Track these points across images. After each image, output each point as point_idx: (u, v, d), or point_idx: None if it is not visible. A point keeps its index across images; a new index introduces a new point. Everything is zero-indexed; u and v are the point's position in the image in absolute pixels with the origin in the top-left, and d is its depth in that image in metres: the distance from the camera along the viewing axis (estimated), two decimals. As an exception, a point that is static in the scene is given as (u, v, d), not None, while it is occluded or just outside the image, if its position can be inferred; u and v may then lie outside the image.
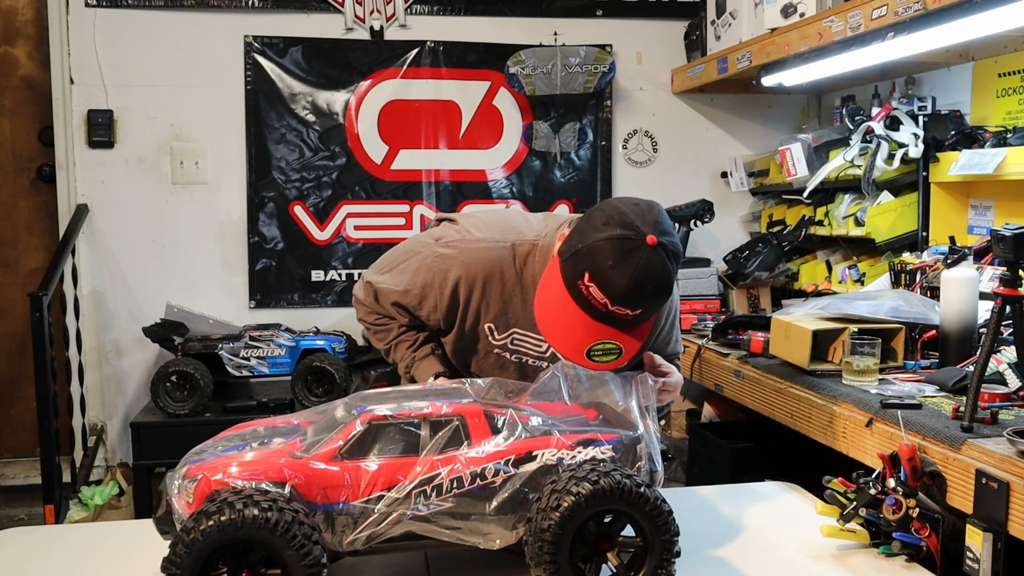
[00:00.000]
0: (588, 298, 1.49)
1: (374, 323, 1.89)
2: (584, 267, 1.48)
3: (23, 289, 3.71)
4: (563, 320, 1.52)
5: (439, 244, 1.78)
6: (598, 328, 1.51)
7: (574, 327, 1.51)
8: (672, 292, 1.59)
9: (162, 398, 3.35)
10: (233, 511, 1.25)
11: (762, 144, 4.18)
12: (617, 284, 1.46)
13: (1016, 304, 1.83)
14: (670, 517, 1.38)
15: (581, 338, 1.51)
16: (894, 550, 1.60)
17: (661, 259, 1.48)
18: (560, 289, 1.52)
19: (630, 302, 1.48)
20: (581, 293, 1.49)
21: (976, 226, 3.00)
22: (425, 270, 1.77)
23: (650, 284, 1.48)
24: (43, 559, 1.64)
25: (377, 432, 1.39)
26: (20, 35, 3.86)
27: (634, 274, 1.46)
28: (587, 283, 1.48)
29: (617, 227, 1.48)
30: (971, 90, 3.16)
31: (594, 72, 3.90)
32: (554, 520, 1.33)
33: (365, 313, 1.89)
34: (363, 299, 1.88)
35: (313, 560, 1.27)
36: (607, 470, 1.36)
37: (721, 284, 3.62)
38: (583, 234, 1.51)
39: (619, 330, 1.52)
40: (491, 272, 1.74)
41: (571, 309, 1.51)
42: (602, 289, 1.47)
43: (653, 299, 1.50)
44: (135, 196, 3.82)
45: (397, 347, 1.87)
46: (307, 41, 3.87)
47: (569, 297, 1.51)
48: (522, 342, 1.80)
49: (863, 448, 2.07)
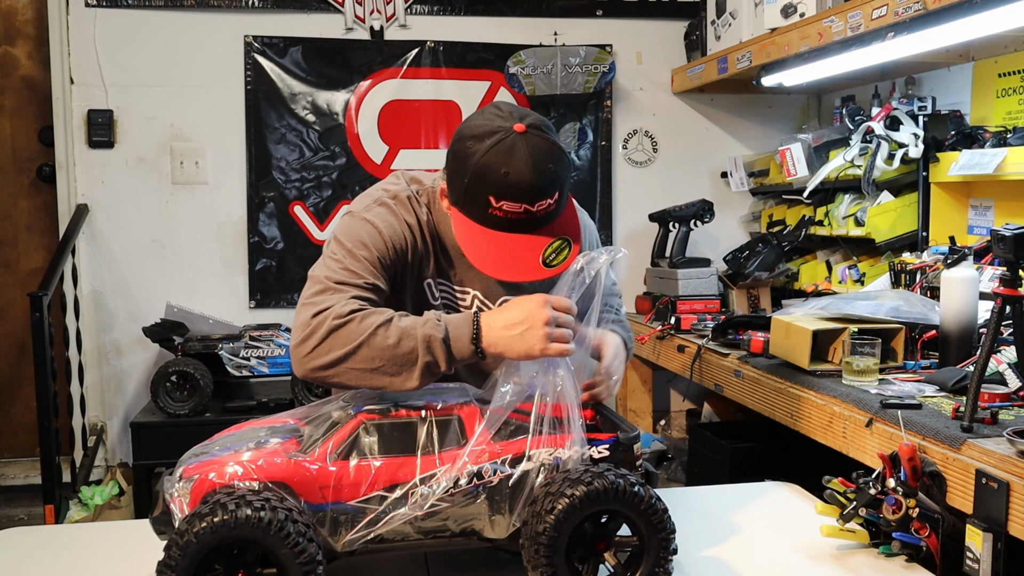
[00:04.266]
0: (507, 217, 1.47)
1: (355, 311, 1.50)
2: (484, 192, 1.47)
3: (23, 289, 3.71)
4: (505, 254, 1.50)
5: (359, 216, 1.64)
6: (536, 238, 1.49)
7: (518, 252, 1.49)
8: (568, 158, 1.55)
9: (162, 398, 3.35)
10: (226, 512, 1.25)
11: (762, 144, 4.18)
12: (522, 183, 1.45)
13: (1016, 304, 1.83)
14: (665, 515, 1.38)
15: (529, 256, 1.49)
16: (894, 550, 1.60)
17: (538, 136, 1.48)
18: (480, 230, 1.50)
19: (543, 190, 1.47)
20: (499, 217, 1.48)
21: (976, 226, 3.00)
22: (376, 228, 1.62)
23: (548, 162, 1.47)
24: (43, 559, 1.63)
25: (374, 431, 1.39)
26: (20, 35, 3.86)
27: (529, 164, 1.45)
28: (496, 204, 1.47)
29: (484, 140, 1.47)
30: (971, 90, 3.16)
31: (594, 72, 3.90)
32: (549, 523, 1.33)
33: (342, 306, 1.49)
34: (333, 294, 1.52)
35: (308, 558, 1.27)
36: (600, 471, 1.36)
37: (721, 284, 3.62)
38: (460, 172, 1.50)
39: (554, 223, 1.51)
40: (406, 229, 1.65)
41: (503, 239, 1.49)
42: (513, 197, 1.46)
43: (558, 173, 1.49)
44: (135, 196, 3.82)
45: (389, 324, 1.50)
46: (307, 41, 3.88)
47: (493, 231, 1.49)
48: (447, 292, 1.73)
49: (863, 448, 2.07)
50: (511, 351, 1.45)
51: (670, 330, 3.35)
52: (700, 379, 3.02)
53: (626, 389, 4.03)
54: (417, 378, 1.45)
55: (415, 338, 1.45)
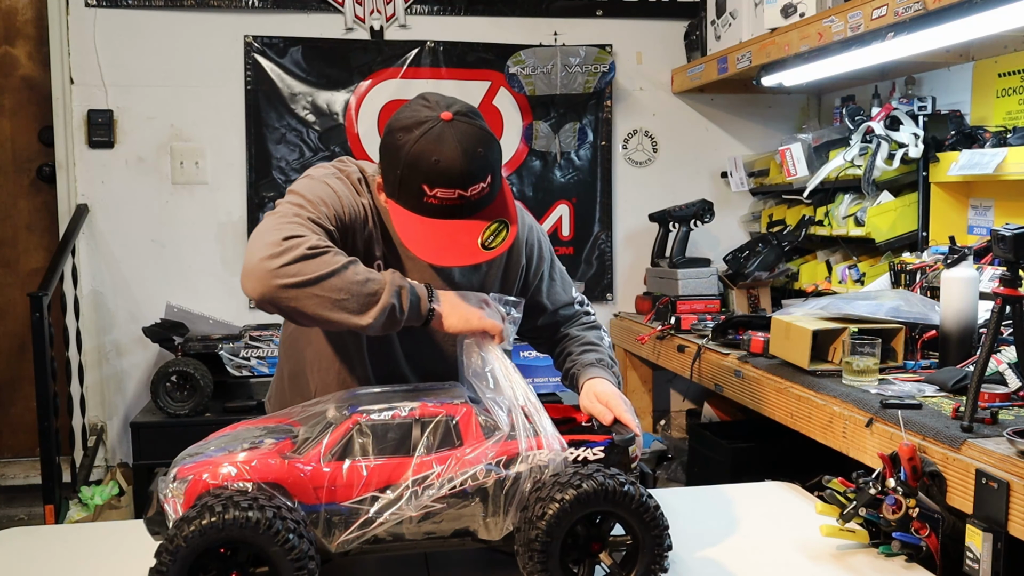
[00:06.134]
0: (442, 204, 1.50)
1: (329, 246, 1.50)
2: (418, 181, 1.50)
3: (23, 289, 3.71)
4: (444, 240, 1.52)
5: (320, 179, 1.63)
6: (473, 223, 1.53)
7: (456, 237, 1.52)
8: (497, 143, 1.57)
9: (162, 398, 3.35)
10: (213, 514, 1.24)
11: (762, 144, 4.18)
12: (452, 169, 1.48)
13: (1016, 304, 1.83)
14: (657, 512, 1.38)
15: (467, 241, 1.52)
16: (894, 550, 1.60)
17: (465, 123, 1.51)
18: (417, 219, 1.53)
19: (474, 174, 1.50)
20: (434, 205, 1.51)
21: (976, 226, 3.00)
22: (334, 193, 1.62)
23: (477, 146, 1.51)
24: (43, 559, 1.63)
25: (369, 432, 1.38)
26: (20, 35, 3.86)
27: (459, 150, 1.48)
28: (430, 192, 1.50)
29: (413, 131, 1.51)
30: (971, 90, 3.16)
31: (594, 72, 3.90)
32: (541, 529, 1.33)
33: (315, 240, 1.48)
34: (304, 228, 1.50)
35: (299, 554, 1.27)
36: (589, 472, 1.36)
37: (721, 284, 3.62)
38: (392, 163, 1.53)
39: (489, 207, 1.54)
40: (359, 207, 1.65)
41: (439, 226, 1.52)
42: (446, 184, 1.49)
43: (487, 157, 1.53)
44: (135, 196, 3.82)
45: (357, 264, 1.51)
46: (307, 41, 3.87)
47: (429, 218, 1.52)
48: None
49: (863, 448, 2.07)
50: (454, 314, 1.52)
51: (670, 330, 3.35)
52: (700, 379, 3.02)
53: (626, 389, 4.03)
54: (373, 317, 1.47)
55: (382, 282, 1.49)
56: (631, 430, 1.52)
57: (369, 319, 1.47)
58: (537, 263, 1.84)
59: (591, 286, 4.12)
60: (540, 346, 1.95)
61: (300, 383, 1.80)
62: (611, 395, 1.64)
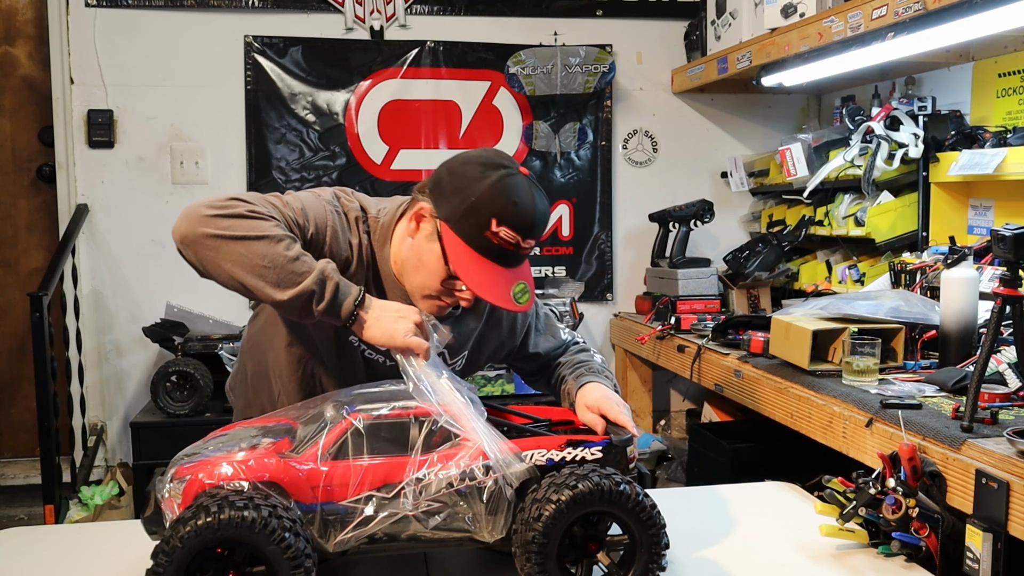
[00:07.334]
0: (501, 244, 1.54)
1: (277, 225, 1.51)
2: (489, 213, 1.53)
3: (23, 289, 3.71)
4: (488, 276, 1.56)
5: (322, 200, 1.65)
6: (510, 273, 1.58)
7: (497, 280, 1.57)
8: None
9: (162, 398, 3.35)
10: (208, 514, 1.24)
11: (762, 144, 4.18)
12: (526, 214, 1.54)
13: (1016, 304, 1.83)
14: (654, 511, 1.38)
15: (505, 288, 1.57)
16: (893, 550, 1.60)
17: (539, 187, 1.60)
18: (465, 249, 1.55)
19: (538, 229, 1.58)
20: (491, 243, 1.54)
21: (976, 226, 3.00)
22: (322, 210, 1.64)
23: (547, 210, 1.62)
24: (43, 559, 1.64)
25: (366, 432, 1.38)
26: (20, 35, 3.86)
27: (534, 202, 1.56)
28: (496, 228, 1.53)
29: (498, 169, 1.56)
30: (971, 90, 3.16)
31: (594, 72, 3.90)
32: (537, 530, 1.33)
33: (268, 219, 1.50)
34: (269, 209, 1.53)
35: (295, 552, 1.27)
36: (585, 473, 1.36)
37: (721, 284, 3.62)
38: (464, 190, 1.55)
39: (522, 267, 1.61)
40: (347, 246, 1.65)
41: (486, 264, 1.56)
42: (513, 226, 1.53)
43: (547, 223, 1.63)
44: (135, 196, 3.82)
45: (294, 245, 1.51)
46: (307, 41, 3.87)
47: (477, 253, 1.55)
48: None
49: (863, 448, 2.07)
50: (378, 327, 1.51)
51: (670, 330, 3.35)
52: (700, 379, 3.02)
53: (626, 389, 4.03)
54: (289, 296, 1.45)
55: (312, 267, 1.48)
56: (628, 430, 1.52)
57: (284, 296, 1.46)
58: (528, 330, 1.87)
59: (591, 286, 4.12)
60: (537, 384, 1.98)
61: (263, 384, 1.81)
62: (601, 398, 1.64)
